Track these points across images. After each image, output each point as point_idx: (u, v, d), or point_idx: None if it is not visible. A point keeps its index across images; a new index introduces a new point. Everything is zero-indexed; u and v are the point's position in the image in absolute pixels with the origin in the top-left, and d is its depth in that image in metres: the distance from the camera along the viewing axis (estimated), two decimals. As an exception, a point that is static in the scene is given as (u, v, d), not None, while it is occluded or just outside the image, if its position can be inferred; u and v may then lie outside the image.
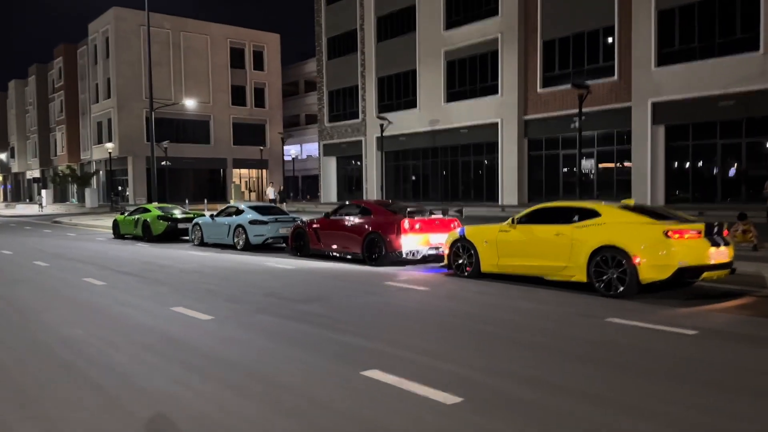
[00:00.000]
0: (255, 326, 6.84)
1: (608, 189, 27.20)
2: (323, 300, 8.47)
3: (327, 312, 7.61)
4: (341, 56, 41.75)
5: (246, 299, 8.63)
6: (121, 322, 7.12)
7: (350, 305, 8.11)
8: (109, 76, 56.07)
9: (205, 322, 7.04)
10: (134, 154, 55.26)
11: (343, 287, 9.77)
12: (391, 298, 8.71)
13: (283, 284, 10.09)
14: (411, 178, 37.91)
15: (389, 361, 5.28)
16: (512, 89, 30.28)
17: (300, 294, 9.03)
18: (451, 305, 8.06)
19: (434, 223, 12.38)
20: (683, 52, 24.22)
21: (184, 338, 6.29)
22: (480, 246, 10.21)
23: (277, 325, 6.87)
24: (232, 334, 6.47)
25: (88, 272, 11.80)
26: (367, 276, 11.00)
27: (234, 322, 7.05)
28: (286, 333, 6.50)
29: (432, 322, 7.03)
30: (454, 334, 6.40)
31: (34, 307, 8.13)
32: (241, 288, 9.69)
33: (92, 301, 8.56)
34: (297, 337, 6.28)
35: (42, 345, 6.06)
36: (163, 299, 8.68)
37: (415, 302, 8.35)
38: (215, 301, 8.51)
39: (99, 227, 28.32)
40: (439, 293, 9.03)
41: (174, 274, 11.42)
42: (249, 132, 61.84)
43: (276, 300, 8.50)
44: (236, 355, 5.59)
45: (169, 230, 19.69)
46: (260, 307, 7.99)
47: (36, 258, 14.74)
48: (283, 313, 7.56)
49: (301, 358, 5.49)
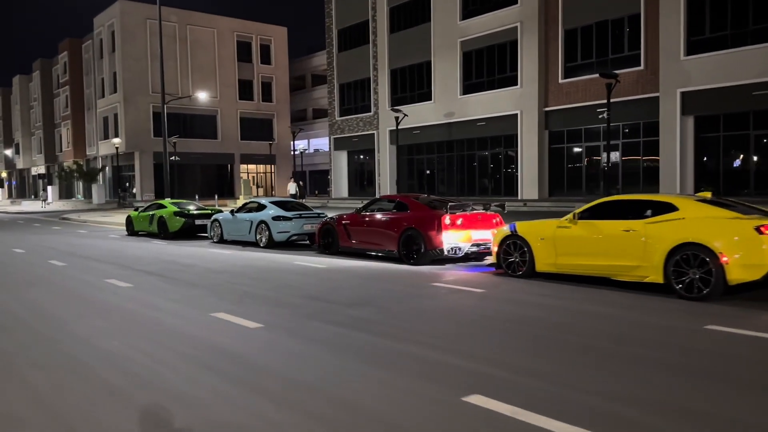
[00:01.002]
0: (312, 336, 6.08)
1: (634, 182, 26.38)
2: (373, 304, 7.72)
3: (384, 319, 6.86)
4: (352, 48, 40.90)
5: (288, 303, 7.88)
6: (160, 332, 6.37)
7: (406, 311, 7.35)
8: (115, 71, 55.28)
9: (255, 332, 6.29)
10: (141, 150, 54.50)
11: (388, 289, 9.01)
12: (446, 302, 7.95)
13: (322, 285, 9.34)
14: (425, 172, 37.12)
15: (488, 383, 4.52)
16: (532, 80, 29.43)
17: (345, 297, 8.27)
18: (519, 311, 7.29)
19: (476, 219, 11.61)
20: (714, 40, 23.35)
21: (239, 352, 5.53)
22: (535, 243, 9.44)
23: (336, 335, 6.12)
24: (290, 347, 5.71)
25: (109, 272, 11.06)
26: (409, 276, 10.24)
27: (286, 331, 6.30)
28: (350, 345, 5.74)
29: (510, 332, 6.26)
30: (541, 347, 5.63)
31: (60, 315, 7.38)
32: (278, 290, 8.94)
33: (121, 306, 7.82)
34: (365, 351, 5.52)
35: (78, 363, 5.31)
36: (198, 303, 7.94)
37: (477, 307, 7.58)
38: (256, 305, 7.77)
39: (109, 224, 27.62)
40: (498, 296, 8.26)
41: (202, 274, 10.67)
42: (256, 127, 61.07)
43: (322, 304, 7.75)
44: (307, 375, 4.83)
45: (186, 227, 18.95)
46: (308, 312, 7.24)
47: (50, 257, 14.01)
48: (336, 319, 6.81)
49: (381, 377, 4.72)
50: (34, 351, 5.70)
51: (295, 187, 32.79)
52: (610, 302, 7.68)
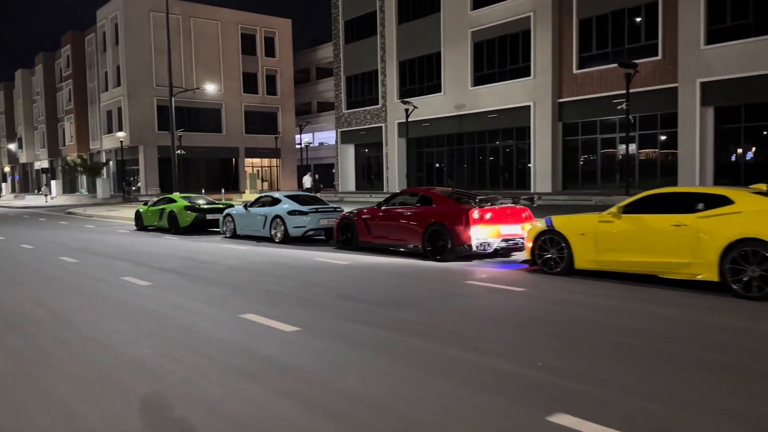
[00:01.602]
0: (357, 342, 5.63)
1: (651, 175, 25.90)
2: (412, 305, 7.26)
3: (428, 321, 6.40)
4: (359, 40, 40.36)
5: (320, 303, 7.43)
6: (190, 336, 5.92)
7: (449, 312, 6.90)
8: (118, 64, 54.76)
9: (293, 336, 5.84)
10: (145, 143, 54.05)
11: (421, 288, 8.56)
12: (490, 303, 7.49)
13: (350, 283, 8.89)
14: (434, 165, 36.64)
15: (569, 398, 4.05)
16: (546, 71, 28.91)
17: (380, 297, 7.82)
18: (571, 312, 6.82)
19: (505, 213, 11.12)
20: (736, 28, 22.81)
21: (280, 359, 5.08)
22: (574, 239, 8.97)
23: (382, 340, 5.66)
24: (336, 354, 5.26)
25: (125, 270, 10.62)
26: (438, 273, 9.78)
27: (326, 335, 5.84)
28: (400, 351, 5.28)
29: (570, 337, 5.80)
30: (611, 354, 5.17)
31: (80, 317, 6.93)
32: (305, 288, 8.49)
33: (144, 307, 7.37)
34: (420, 358, 5.06)
35: (108, 374, 4.86)
36: (225, 303, 7.49)
37: (525, 308, 7.12)
38: (286, 305, 7.32)
39: (116, 218, 27.19)
40: (542, 296, 7.80)
41: (222, 272, 10.22)
42: (261, 120, 60.56)
43: (357, 304, 7.29)
44: (364, 387, 4.38)
45: (198, 221, 18.49)
46: (344, 314, 6.79)
47: (61, 253, 13.57)
48: (377, 321, 6.35)
49: (447, 391, 4.26)
50: (58, 359, 5.25)
51: (311, 181, 32.07)
52: (664, 301, 7.22)
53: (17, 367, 4.99)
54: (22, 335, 6.08)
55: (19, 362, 5.15)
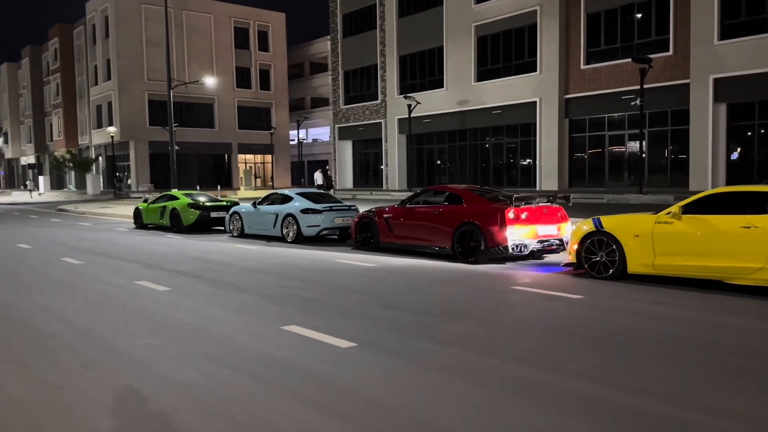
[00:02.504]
0: (422, 360, 4.96)
1: (661, 173, 25.42)
2: (468, 315, 6.61)
3: (494, 335, 5.75)
4: (358, 34, 39.59)
5: (366, 313, 6.76)
6: (234, 352, 5.22)
7: (510, 324, 6.26)
8: (108, 57, 53.59)
9: (348, 353, 5.17)
10: (136, 139, 52.96)
11: (468, 295, 7.91)
12: (549, 312, 6.84)
13: (388, 289, 8.23)
14: (435, 162, 36.00)
15: (671, 427, 3.43)
16: (552, 66, 28.34)
17: (428, 306, 7.16)
18: (641, 324, 6.19)
19: (541, 212, 10.50)
20: (750, 23, 22.34)
21: (341, 381, 4.41)
22: (627, 241, 8.35)
23: (450, 359, 5.00)
24: (406, 376, 4.59)
25: (137, 272, 9.88)
26: (478, 277, 9.14)
27: (387, 352, 5.17)
28: (472, 372, 4.63)
29: (650, 352, 5.17)
30: (702, 372, 4.54)
31: (103, 330, 6.20)
32: (340, 295, 7.82)
33: (171, 317, 6.65)
34: (495, 380, 4.41)
35: (154, 402, 4.16)
36: (258, 312, 6.80)
37: (589, 319, 6.47)
38: (329, 315, 6.63)
39: (111, 216, 26.32)
40: (603, 304, 7.16)
41: (243, 275, 9.51)
42: (254, 116, 59.60)
43: (408, 315, 6.62)
44: (442, 416, 3.73)
45: (201, 220, 17.72)
46: (398, 326, 6.12)
47: (62, 253, 12.78)
48: (438, 336, 5.70)
49: (533, 419, 3.62)
50: (92, 384, 4.54)
51: (323, 177, 31.10)
52: (738, 311, 6.62)
53: (48, 398, 4.27)
54: (43, 354, 5.35)
55: (50, 391, 4.43)
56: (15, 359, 5.19)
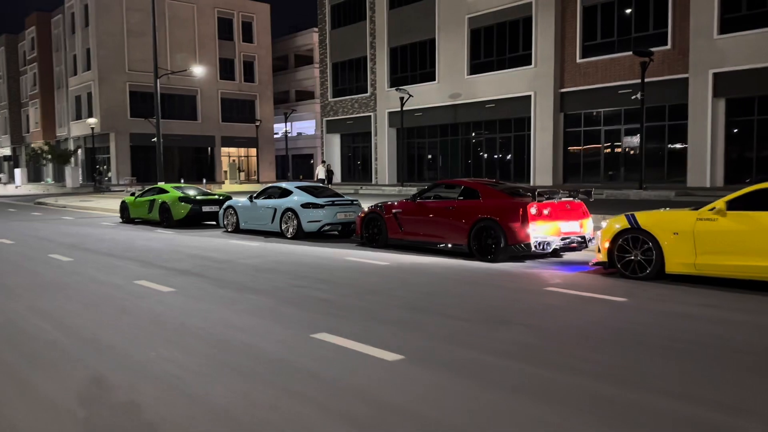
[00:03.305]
0: (481, 375, 4.38)
1: (658, 168, 25.11)
2: (511, 321, 6.04)
3: (547, 343, 5.20)
4: (347, 25, 38.86)
5: (396, 318, 6.15)
6: (266, 366, 4.59)
7: (563, 331, 5.69)
8: (88, 47, 52.19)
9: (399, 366, 4.57)
10: (117, 131, 51.71)
11: (502, 297, 7.35)
12: (598, 317, 6.30)
13: (413, 291, 7.63)
14: (426, 156, 35.45)
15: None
16: (547, 59, 27.91)
17: (465, 310, 6.57)
18: (699, 328, 5.69)
19: (564, 208, 9.98)
20: (751, 17, 22.08)
21: (400, 403, 3.81)
22: (666, 239, 7.84)
23: (513, 373, 4.43)
24: (466, 394, 4.00)
25: (132, 271, 9.17)
26: (501, 277, 8.59)
27: (444, 367, 4.58)
28: (538, 388, 4.06)
29: (724, 364, 4.66)
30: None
31: (110, 339, 5.51)
32: (365, 297, 7.20)
33: (183, 323, 5.98)
34: (567, 398, 3.86)
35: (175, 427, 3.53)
36: (278, 317, 6.16)
37: (643, 324, 5.92)
38: (357, 320, 6.02)
39: (94, 209, 25.37)
40: (650, 307, 6.64)
41: (249, 273, 8.85)
42: (238, 108, 58.58)
43: (443, 320, 6.04)
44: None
45: (192, 214, 16.95)
46: (438, 333, 5.53)
47: (48, 249, 11.99)
48: (489, 346, 5.12)
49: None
50: (110, 409, 3.88)
51: (324, 171, 30.31)
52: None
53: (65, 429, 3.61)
54: (46, 369, 4.65)
55: (63, 418, 3.77)
56: (14, 376, 4.49)
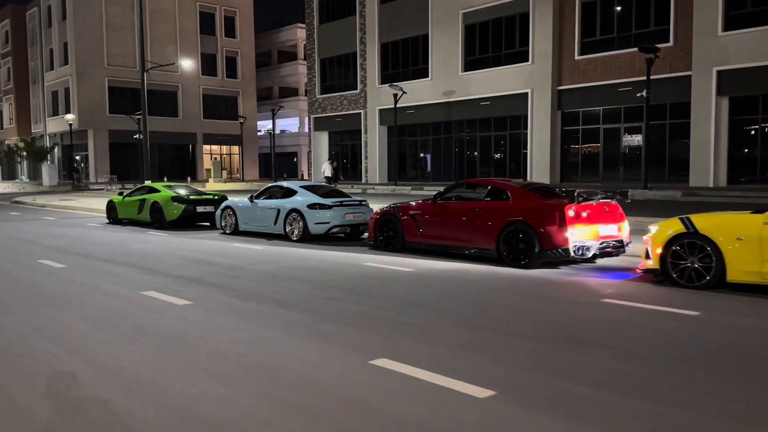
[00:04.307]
0: (595, 416, 3.66)
1: (659, 168, 24.67)
2: (583, 340, 5.34)
3: (644, 371, 4.50)
4: (336, 20, 37.98)
5: (458, 339, 5.41)
6: (333, 407, 3.81)
7: (649, 353, 4.98)
8: (65, 41, 50.59)
9: (489, 404, 3.82)
10: (95, 127, 50.21)
11: (559, 311, 6.64)
12: (680, 336, 5.60)
13: (453, 301, 6.90)
14: (419, 155, 34.75)
15: None
16: (545, 56, 27.36)
17: (524, 326, 5.85)
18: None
19: (602, 210, 9.31)
20: (756, 14, 21.72)
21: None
22: (728, 244, 7.21)
23: (627, 413, 3.71)
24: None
25: (138, 280, 8.30)
26: (543, 286, 7.90)
27: (541, 404, 3.85)
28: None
29: None
30: None
31: (134, 368, 4.67)
32: (404, 310, 6.45)
33: (217, 347, 5.15)
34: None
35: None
36: (324, 338, 5.38)
37: (737, 345, 5.27)
38: (415, 341, 5.26)
39: (76, 209, 24.25)
40: (731, 322, 5.99)
41: (267, 283, 8.04)
42: (220, 104, 57.33)
43: (510, 340, 5.31)
44: None
45: (187, 215, 16.01)
46: (516, 358, 4.80)
47: (36, 254, 11.04)
48: (576, 374, 4.40)
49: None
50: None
51: (331, 169, 29.19)
52: None
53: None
54: (71, 414, 3.81)
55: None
56: (32, 427, 3.64)
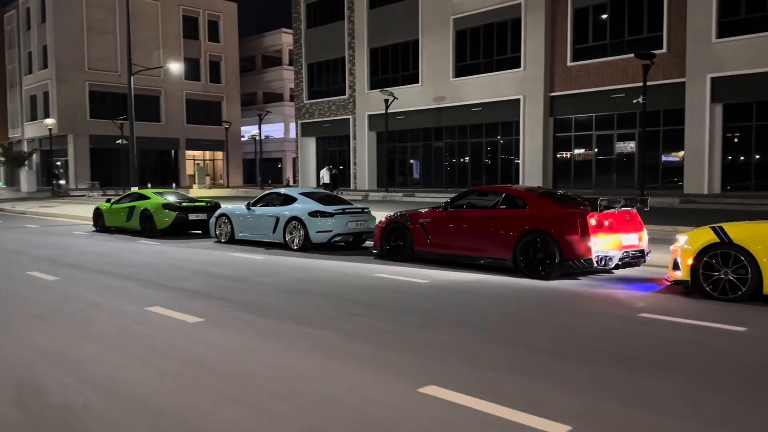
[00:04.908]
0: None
1: (652, 174, 24.56)
2: (644, 362, 4.95)
3: (727, 398, 4.14)
4: (324, 24, 37.58)
5: (503, 361, 5.00)
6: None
7: (730, 379, 4.63)
8: (45, 44, 49.56)
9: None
10: (75, 132, 49.18)
11: (596, 327, 6.26)
12: (735, 354, 5.26)
13: (482, 318, 6.50)
14: (409, 161, 34.42)
15: None
16: (537, 62, 27.20)
17: (567, 345, 5.46)
18: None
19: (624, 219, 8.99)
20: (749, 21, 21.74)
21: None
22: (765, 255, 6.89)
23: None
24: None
25: (139, 294, 7.78)
26: (570, 299, 7.53)
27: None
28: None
29: None
30: None
31: (160, 401, 4.19)
32: (436, 328, 6.03)
33: (248, 374, 4.67)
34: None
35: None
36: (359, 360, 4.92)
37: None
38: (459, 364, 4.83)
39: (58, 216, 23.50)
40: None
41: (278, 296, 7.57)
42: (204, 110, 56.53)
43: (565, 364, 4.91)
44: None
45: (178, 222, 15.47)
46: (580, 385, 4.41)
47: (24, 265, 10.43)
48: (660, 404, 4.00)
49: None
50: None
51: (329, 176, 28.70)
52: None
53: None
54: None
55: None
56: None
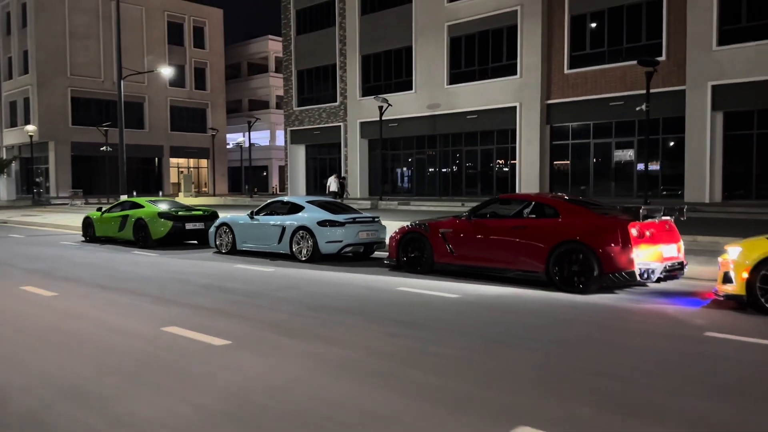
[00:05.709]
0: None
1: (652, 182, 24.23)
2: (747, 394, 4.43)
3: None
4: (314, 30, 37.02)
5: (583, 393, 4.44)
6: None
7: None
8: (26, 49, 48.33)
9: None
10: (57, 139, 47.95)
11: (663, 350, 5.73)
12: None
13: (533, 339, 5.95)
14: (402, 169, 33.88)
15: None
16: (533, 70, 26.87)
17: (641, 372, 4.93)
18: None
19: (664, 229, 8.51)
20: (751, 29, 21.57)
21: None
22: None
23: None
24: None
25: (150, 312, 7.10)
26: (618, 316, 7.01)
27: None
28: None
29: None
30: None
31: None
32: (489, 353, 5.46)
33: (303, 409, 4.04)
34: None
35: None
36: (425, 392, 4.33)
37: None
38: (537, 396, 4.27)
39: (42, 225, 22.60)
40: None
41: (303, 314, 6.94)
42: (188, 117, 55.56)
43: (675, 400, 4.36)
44: None
45: (175, 232, 14.74)
46: (694, 423, 3.86)
47: (17, 279, 9.67)
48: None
49: None
50: None
51: (337, 184, 28.00)
52: None
53: None
54: None
55: None
56: None
